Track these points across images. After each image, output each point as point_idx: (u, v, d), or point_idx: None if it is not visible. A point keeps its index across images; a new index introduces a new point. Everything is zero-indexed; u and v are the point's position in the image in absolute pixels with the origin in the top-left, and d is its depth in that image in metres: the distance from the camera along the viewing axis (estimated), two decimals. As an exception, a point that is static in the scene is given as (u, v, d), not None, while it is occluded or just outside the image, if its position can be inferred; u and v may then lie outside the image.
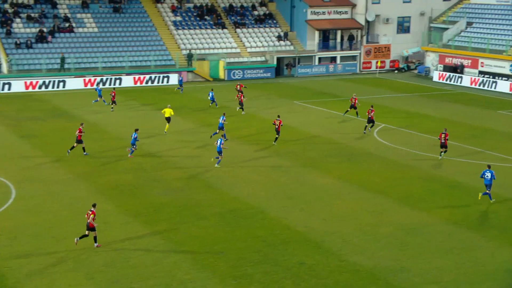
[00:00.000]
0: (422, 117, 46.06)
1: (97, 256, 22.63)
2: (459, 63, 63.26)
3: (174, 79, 60.65)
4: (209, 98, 48.56)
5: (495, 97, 54.63)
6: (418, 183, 30.94)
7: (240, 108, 46.70)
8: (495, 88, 58.06)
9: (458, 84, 60.80)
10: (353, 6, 69.53)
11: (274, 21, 70.41)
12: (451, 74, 62.18)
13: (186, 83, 61.07)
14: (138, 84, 58.52)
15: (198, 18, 68.20)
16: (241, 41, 67.33)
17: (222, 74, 63.84)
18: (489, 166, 28.69)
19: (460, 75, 61.59)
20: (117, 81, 58.66)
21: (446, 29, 67.69)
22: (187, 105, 50.35)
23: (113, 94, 47.77)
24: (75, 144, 34.95)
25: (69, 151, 34.97)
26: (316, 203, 28.05)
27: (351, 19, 69.73)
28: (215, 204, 27.90)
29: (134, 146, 34.94)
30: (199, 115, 46.51)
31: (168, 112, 40.83)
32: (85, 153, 35.17)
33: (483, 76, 60.34)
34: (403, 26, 71.08)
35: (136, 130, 35.32)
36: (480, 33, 64.19)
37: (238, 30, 68.21)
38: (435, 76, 63.79)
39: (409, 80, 63.89)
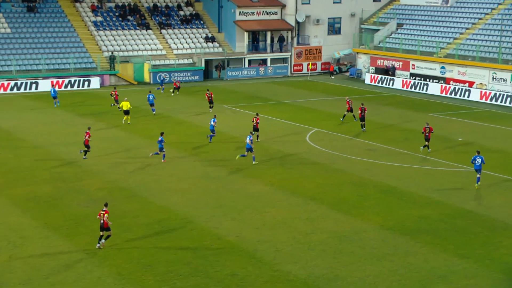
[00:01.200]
0: (354, 120, 47.01)
1: (11, 273, 21.94)
2: (390, 65, 65.07)
3: (95, 82, 59.65)
4: (148, 102, 47.79)
5: (427, 100, 56.47)
6: (350, 188, 31.60)
7: (211, 106, 48.83)
8: (426, 90, 60.03)
9: (390, 86, 62.52)
10: (283, 6, 70.40)
11: (201, 22, 70.42)
12: (383, 76, 63.87)
13: (108, 87, 60.17)
14: (57, 88, 57.21)
15: (120, 18, 67.38)
16: (166, 42, 66.97)
17: (147, 77, 63.29)
18: (478, 152, 31.81)
19: (391, 77, 63.34)
20: (33, 86, 57.18)
21: (377, 30, 69.52)
22: (111, 110, 49.59)
23: (115, 93, 49.07)
24: (87, 149, 35.82)
25: (82, 151, 35.88)
26: (247, 211, 28.18)
27: (281, 20, 70.58)
28: (141, 214, 27.58)
29: (163, 150, 35.23)
30: (122, 121, 45.86)
31: (125, 105, 44.42)
32: (84, 157, 35.55)
33: (415, 79, 62.28)
34: (334, 27, 72.50)
35: (162, 133, 35.74)
36: (410, 35, 66.25)
37: (163, 31, 67.81)
38: (367, 78, 65.37)
39: (341, 83, 65.20)
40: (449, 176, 33.66)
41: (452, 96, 57.75)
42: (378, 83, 63.86)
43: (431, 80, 60.99)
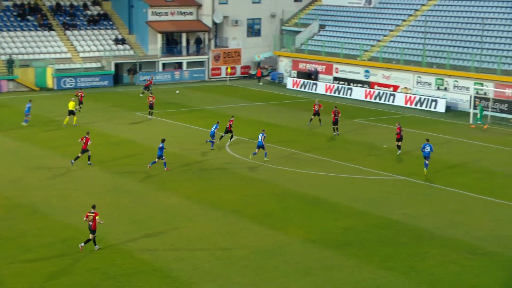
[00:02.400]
0: (275, 127, 47.48)
1: None
2: (313, 69, 66.11)
3: (-8, 88, 57.81)
4: (25, 111, 45.79)
5: (351, 105, 57.63)
6: (273, 199, 31.81)
7: (150, 112, 48.99)
8: (350, 95, 61.32)
9: (313, 91, 63.47)
10: (199, 6, 70.41)
11: (110, 22, 69.48)
12: (305, 81, 64.80)
13: (6, 93, 58.34)
14: None
15: (19, 18, 65.63)
16: (72, 44, 65.69)
17: (50, 82, 61.83)
18: (427, 140, 36.30)
19: (314, 81, 64.33)
20: None
21: (299, 32, 70.53)
22: (8, 119, 48.18)
23: (81, 94, 50.01)
24: (79, 154, 35.95)
25: (73, 161, 36.04)
26: (163, 226, 27.90)
27: (197, 20, 70.56)
28: (43, 233, 26.85)
29: (163, 158, 35.58)
30: (22, 131, 44.61)
31: (71, 105, 45.44)
32: (89, 162, 36.11)
33: (338, 83, 63.52)
34: (253, 29, 73.09)
35: (163, 140, 35.72)
36: (333, 37, 67.57)
37: (68, 32, 66.49)
38: (289, 83, 66.17)
39: (261, 88, 65.71)
40: (375, 185, 34.44)
41: (377, 101, 59.22)
42: (301, 87, 64.72)
43: (355, 85, 62.35)
